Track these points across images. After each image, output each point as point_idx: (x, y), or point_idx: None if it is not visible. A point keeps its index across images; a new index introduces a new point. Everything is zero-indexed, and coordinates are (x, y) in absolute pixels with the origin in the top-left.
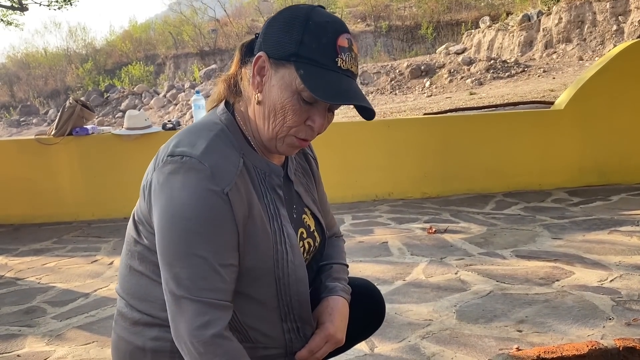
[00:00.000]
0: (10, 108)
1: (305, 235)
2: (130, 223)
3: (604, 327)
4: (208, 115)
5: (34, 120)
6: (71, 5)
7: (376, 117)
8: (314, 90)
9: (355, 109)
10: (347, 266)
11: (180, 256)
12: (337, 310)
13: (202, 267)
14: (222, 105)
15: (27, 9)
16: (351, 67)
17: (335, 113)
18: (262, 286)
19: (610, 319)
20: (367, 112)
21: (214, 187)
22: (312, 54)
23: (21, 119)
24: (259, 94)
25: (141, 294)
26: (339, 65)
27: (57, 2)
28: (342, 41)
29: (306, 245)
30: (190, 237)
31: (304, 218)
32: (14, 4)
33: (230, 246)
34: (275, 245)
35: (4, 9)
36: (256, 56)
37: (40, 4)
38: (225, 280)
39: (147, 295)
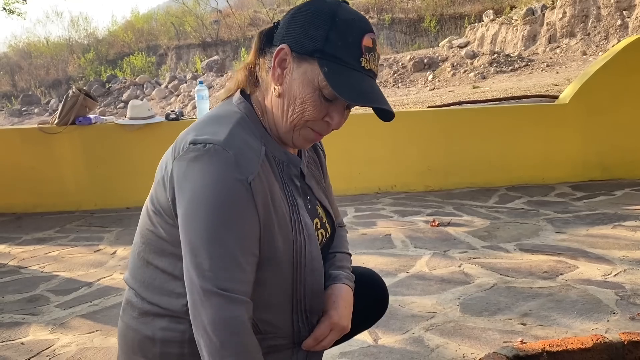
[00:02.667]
0: (12, 97)
1: (319, 226)
2: (144, 215)
3: (608, 321)
4: (225, 104)
5: (36, 110)
6: None
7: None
8: (338, 90)
9: (372, 110)
10: (350, 255)
11: (203, 246)
12: (342, 298)
13: (224, 257)
14: (238, 94)
15: None
16: (373, 68)
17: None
18: (278, 275)
19: (614, 313)
20: (385, 114)
21: (239, 176)
22: (337, 51)
23: (23, 109)
24: (279, 86)
25: (155, 286)
26: (362, 65)
27: None
28: (367, 41)
29: (320, 236)
30: (213, 226)
31: (317, 209)
32: None
33: (252, 236)
34: (295, 235)
35: None
36: (278, 48)
37: None
38: (245, 271)
39: (162, 289)
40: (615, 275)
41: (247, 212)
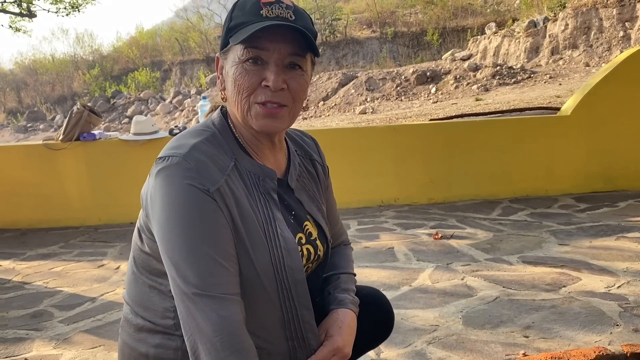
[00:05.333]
0: (18, 114)
1: (304, 241)
2: (135, 231)
3: (611, 333)
4: (204, 122)
5: (41, 126)
6: (79, 12)
7: (382, 122)
8: (237, 39)
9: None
10: (355, 275)
11: (183, 255)
12: (347, 324)
13: (205, 262)
14: (218, 110)
15: (35, 16)
16: (280, 14)
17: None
18: (262, 292)
19: (617, 325)
20: (314, 49)
21: (199, 185)
22: (239, 20)
23: (28, 125)
24: (224, 91)
25: (143, 301)
26: (264, 16)
27: (65, 8)
28: None
29: (305, 252)
30: (188, 234)
31: (305, 225)
32: (22, 11)
33: (228, 239)
34: (272, 250)
35: (12, 15)
36: (215, 60)
37: (49, 11)
38: (231, 273)
39: (149, 303)
40: (618, 287)
41: (217, 217)
